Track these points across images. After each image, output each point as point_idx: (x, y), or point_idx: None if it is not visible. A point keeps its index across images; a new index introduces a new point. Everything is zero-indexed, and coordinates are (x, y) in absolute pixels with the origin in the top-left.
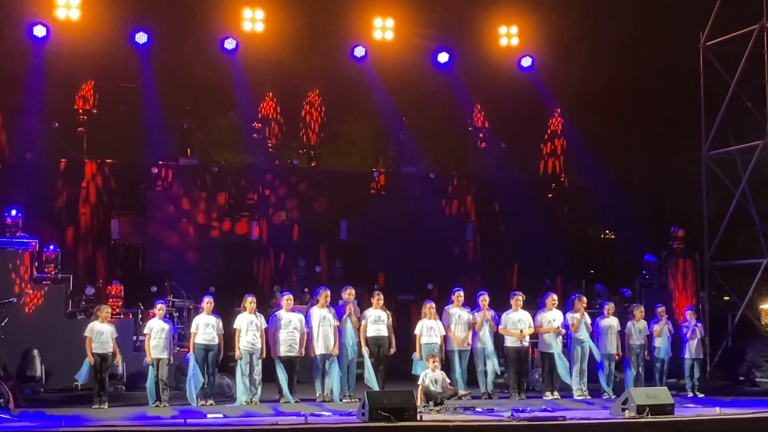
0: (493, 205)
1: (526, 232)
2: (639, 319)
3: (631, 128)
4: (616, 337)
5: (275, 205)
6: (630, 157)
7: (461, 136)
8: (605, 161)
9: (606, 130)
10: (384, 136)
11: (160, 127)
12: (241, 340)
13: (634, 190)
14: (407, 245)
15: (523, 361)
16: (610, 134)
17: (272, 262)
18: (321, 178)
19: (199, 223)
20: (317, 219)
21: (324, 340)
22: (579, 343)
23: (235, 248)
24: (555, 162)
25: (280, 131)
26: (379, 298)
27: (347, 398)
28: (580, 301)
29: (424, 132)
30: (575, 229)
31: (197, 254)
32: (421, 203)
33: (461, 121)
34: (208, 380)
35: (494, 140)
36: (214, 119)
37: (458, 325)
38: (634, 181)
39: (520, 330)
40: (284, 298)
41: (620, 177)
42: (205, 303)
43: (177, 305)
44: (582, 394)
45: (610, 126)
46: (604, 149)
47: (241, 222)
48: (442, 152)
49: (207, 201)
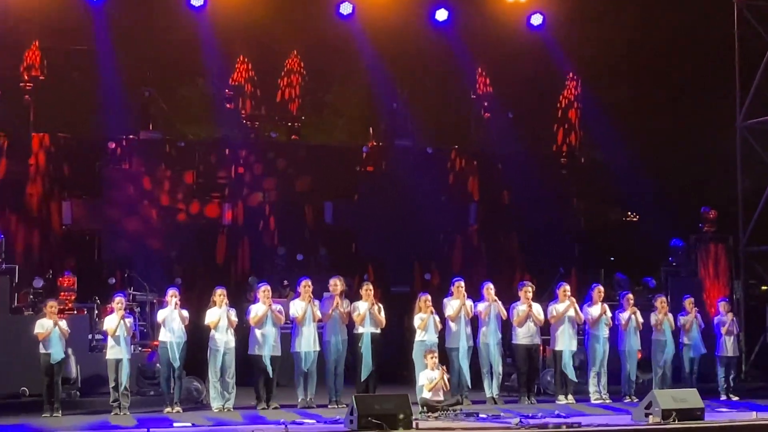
0: (499, 184)
1: (536, 214)
2: (664, 312)
3: (657, 96)
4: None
5: (250, 184)
6: (655, 128)
7: (462, 105)
8: (627, 133)
9: (627, 98)
10: (374, 105)
11: (117, 96)
12: (211, 338)
13: (659, 166)
14: (401, 230)
15: (534, 361)
16: (632, 103)
17: (247, 250)
18: (303, 154)
19: (163, 205)
20: (299, 200)
21: (307, 338)
22: (597, 341)
23: (204, 234)
24: (570, 134)
25: (255, 100)
26: (369, 290)
27: (333, 404)
28: (599, 292)
29: (421, 101)
30: (593, 211)
31: (161, 241)
32: (417, 182)
33: (462, 88)
34: (174, 384)
35: (500, 110)
36: (179, 87)
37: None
38: (659, 155)
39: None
40: (261, 291)
41: (644, 151)
42: (170, 296)
43: (138, 299)
44: (600, 398)
45: (632, 93)
46: (625, 120)
47: (211, 204)
48: (441, 123)
49: (172, 180)
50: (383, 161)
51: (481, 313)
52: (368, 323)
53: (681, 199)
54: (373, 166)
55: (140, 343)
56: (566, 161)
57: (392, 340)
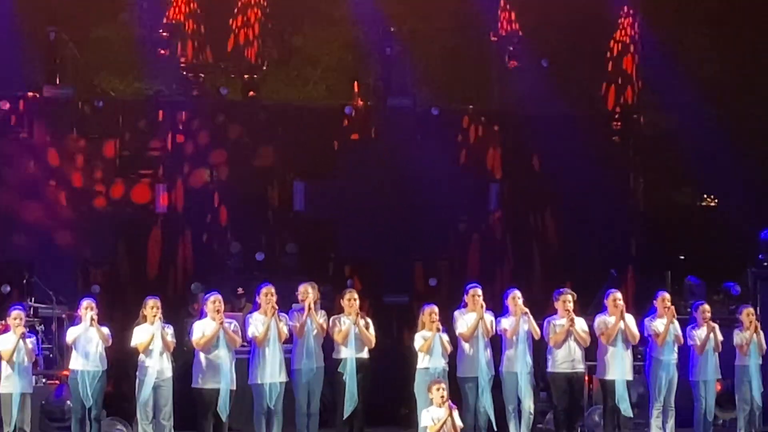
0: (530, 157)
1: (579, 197)
2: (753, 329)
3: (745, 41)
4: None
5: (193, 158)
6: (743, 85)
7: (479, 51)
8: (704, 91)
9: (707, 43)
10: (361, 52)
11: (12, 39)
12: (140, 366)
13: (746, 135)
14: (397, 220)
15: (577, 395)
16: (713, 49)
17: (189, 247)
18: (264, 118)
19: (75, 187)
20: (258, 180)
21: (270, 365)
22: (663, 368)
23: (130, 226)
24: (625, 90)
25: (199, 44)
26: (353, 300)
27: None
28: (664, 301)
29: (423, 46)
30: (656, 193)
31: (72, 235)
32: (418, 154)
33: (479, 27)
34: (90, 428)
35: (531, 57)
36: (96, 26)
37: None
38: (746, 121)
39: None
40: (209, 302)
41: (727, 115)
42: (85, 309)
43: (42, 313)
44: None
45: (712, 37)
46: (701, 72)
47: (139, 185)
48: (451, 76)
49: (87, 153)
50: (372, 127)
51: (506, 331)
52: (353, 344)
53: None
54: (358, 133)
55: (44, 373)
56: (620, 126)
57: (386, 367)
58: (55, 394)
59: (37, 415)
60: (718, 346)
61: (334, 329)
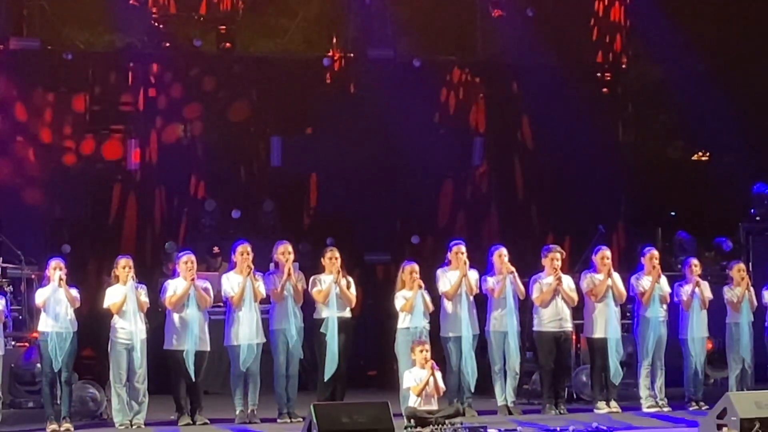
0: (515, 110)
1: (567, 151)
2: (744, 286)
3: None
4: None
5: (166, 112)
6: (734, 34)
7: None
8: (695, 41)
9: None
10: (340, 1)
11: None
12: (112, 328)
13: (739, 86)
14: (378, 175)
15: (564, 354)
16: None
17: (162, 204)
18: (239, 70)
19: (44, 143)
20: (234, 135)
21: (247, 326)
22: (651, 326)
23: (101, 183)
24: (614, 40)
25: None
26: (334, 259)
27: (285, 417)
28: (651, 259)
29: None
30: (646, 147)
31: (41, 193)
32: (399, 108)
33: None
34: (61, 392)
35: (516, 5)
36: None
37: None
38: (739, 72)
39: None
40: (182, 261)
41: (720, 65)
42: (54, 269)
43: (10, 274)
44: (655, 405)
45: None
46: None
47: (111, 141)
48: (434, 25)
49: (56, 108)
50: (352, 79)
51: (491, 289)
52: (333, 304)
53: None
54: (337, 86)
55: (13, 335)
56: (609, 77)
57: (367, 327)
58: (25, 356)
59: (6, 379)
60: (705, 302)
61: (314, 288)
